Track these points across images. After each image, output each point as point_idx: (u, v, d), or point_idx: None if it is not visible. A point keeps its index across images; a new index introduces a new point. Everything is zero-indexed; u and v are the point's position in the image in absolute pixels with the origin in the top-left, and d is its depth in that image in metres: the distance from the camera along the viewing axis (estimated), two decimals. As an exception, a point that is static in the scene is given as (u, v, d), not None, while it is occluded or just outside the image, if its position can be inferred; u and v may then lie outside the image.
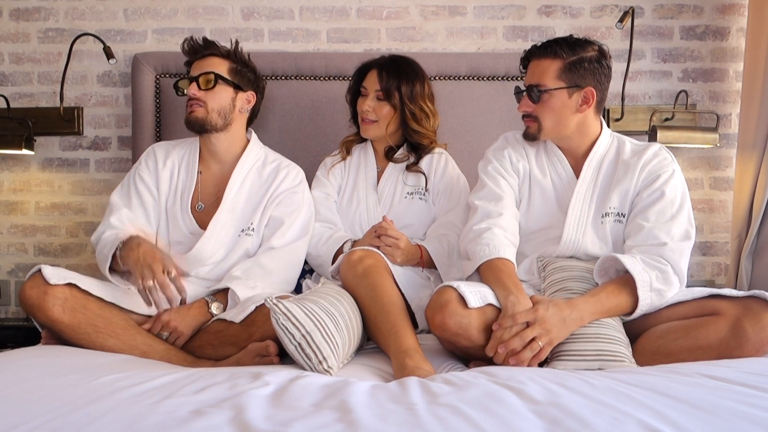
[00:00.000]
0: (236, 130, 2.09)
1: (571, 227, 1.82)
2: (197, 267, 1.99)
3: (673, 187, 1.79)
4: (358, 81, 2.17)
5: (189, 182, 2.06)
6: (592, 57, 1.80)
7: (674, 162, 1.84)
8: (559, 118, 1.82)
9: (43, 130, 2.59)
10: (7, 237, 2.65)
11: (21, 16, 2.63)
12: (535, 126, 1.85)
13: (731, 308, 1.59)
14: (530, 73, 1.85)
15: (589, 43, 1.83)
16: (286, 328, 1.49)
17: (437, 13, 2.65)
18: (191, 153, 2.11)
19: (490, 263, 1.73)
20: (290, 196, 2.06)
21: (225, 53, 2.06)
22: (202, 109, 2.00)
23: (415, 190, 2.15)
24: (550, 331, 1.55)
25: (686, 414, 1.04)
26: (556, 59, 1.79)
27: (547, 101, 1.81)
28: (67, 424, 1.00)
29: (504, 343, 1.55)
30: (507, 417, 1.03)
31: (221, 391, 1.17)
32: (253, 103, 2.12)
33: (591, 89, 1.80)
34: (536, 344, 1.54)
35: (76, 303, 1.71)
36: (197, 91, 2.01)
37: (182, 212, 2.03)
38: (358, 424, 0.99)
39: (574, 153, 1.90)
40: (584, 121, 1.85)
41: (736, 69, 2.65)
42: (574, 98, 1.81)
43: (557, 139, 1.90)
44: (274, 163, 2.12)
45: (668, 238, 1.72)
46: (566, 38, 1.83)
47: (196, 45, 2.06)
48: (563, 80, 1.79)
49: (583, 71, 1.79)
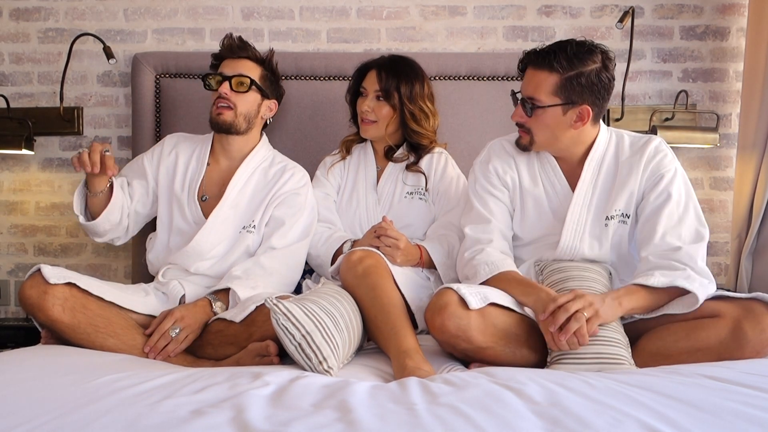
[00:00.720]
0: (253, 134, 2.13)
1: (569, 234, 1.80)
2: (197, 261, 1.99)
3: (677, 187, 1.77)
4: (358, 81, 2.17)
5: (198, 172, 2.09)
6: (592, 71, 1.71)
7: (675, 159, 1.81)
8: (552, 134, 1.79)
9: (43, 130, 2.59)
10: (7, 237, 2.65)
11: (21, 16, 2.63)
12: (527, 138, 1.82)
13: (731, 310, 1.58)
14: (526, 82, 1.79)
15: (591, 53, 1.72)
16: (286, 329, 1.49)
17: (437, 13, 2.65)
18: (204, 146, 2.14)
19: (495, 279, 1.73)
20: (293, 197, 2.07)
21: (260, 59, 2.10)
22: (231, 111, 2.03)
23: (414, 190, 2.15)
24: (593, 303, 1.54)
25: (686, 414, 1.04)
26: (553, 73, 1.71)
27: (541, 116, 1.76)
28: (67, 424, 1.00)
29: (559, 336, 1.52)
30: (507, 417, 1.03)
31: (221, 391, 1.17)
32: (274, 111, 2.17)
33: (587, 107, 1.74)
34: (581, 314, 1.52)
35: (76, 303, 1.71)
36: (229, 91, 2.03)
37: (189, 200, 2.06)
38: (358, 424, 0.99)
39: (569, 160, 1.87)
40: (579, 134, 1.80)
41: (736, 69, 2.65)
42: (569, 115, 1.75)
43: (550, 151, 1.87)
44: (281, 164, 2.14)
45: (680, 242, 1.70)
46: (567, 48, 1.72)
47: (233, 44, 2.08)
48: (558, 96, 1.73)
49: (580, 88, 1.71)
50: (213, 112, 2.05)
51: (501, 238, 1.86)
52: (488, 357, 1.62)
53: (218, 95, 2.03)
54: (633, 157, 1.82)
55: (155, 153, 2.15)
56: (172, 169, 2.10)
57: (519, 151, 1.90)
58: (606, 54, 1.75)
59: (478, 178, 1.93)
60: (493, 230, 1.85)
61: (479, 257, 1.78)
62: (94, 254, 2.64)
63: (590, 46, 1.74)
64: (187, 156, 2.13)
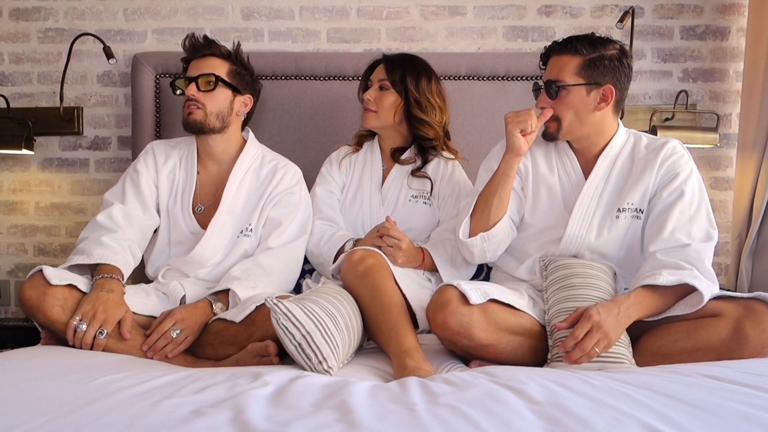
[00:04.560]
0: (232, 132, 2.08)
1: (576, 222, 1.81)
2: (197, 269, 1.98)
3: (691, 186, 1.77)
4: (367, 75, 2.17)
5: (189, 183, 2.06)
6: (613, 55, 1.78)
7: (691, 160, 1.83)
8: (577, 115, 1.80)
9: (43, 130, 2.59)
10: (7, 237, 2.65)
11: (21, 16, 2.63)
12: (555, 125, 1.83)
13: (732, 310, 1.58)
14: (549, 68, 1.84)
15: (610, 41, 1.81)
16: (286, 328, 1.49)
17: (437, 13, 2.65)
18: (190, 153, 2.10)
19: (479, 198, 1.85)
20: (287, 197, 2.06)
21: (226, 54, 2.04)
22: (201, 111, 1.99)
23: (419, 194, 2.13)
24: (608, 334, 1.54)
25: (686, 414, 1.04)
26: (576, 55, 1.78)
27: (565, 97, 1.79)
28: (67, 424, 1.00)
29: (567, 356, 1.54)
30: (507, 417, 1.03)
31: (221, 391, 1.17)
32: (250, 106, 2.11)
33: (610, 87, 1.78)
34: (594, 351, 1.53)
35: (75, 303, 1.70)
36: (196, 92, 1.99)
37: (183, 213, 2.03)
38: (358, 424, 0.99)
39: (587, 153, 1.88)
40: (602, 119, 1.83)
41: (736, 69, 2.65)
42: (593, 95, 1.79)
43: (574, 139, 1.88)
44: (272, 163, 2.12)
45: (689, 239, 1.70)
46: (587, 35, 1.81)
47: (197, 43, 2.03)
48: (582, 77, 1.78)
49: (603, 68, 1.77)
50: (184, 114, 2.01)
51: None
52: (489, 354, 1.62)
53: (187, 98, 2.00)
54: (649, 155, 1.84)
55: (149, 162, 2.06)
56: (165, 182, 2.05)
57: (537, 141, 1.91)
58: (623, 46, 1.85)
59: (489, 160, 1.97)
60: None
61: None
62: (94, 254, 2.63)
63: (608, 37, 1.84)
64: (176, 166, 2.07)
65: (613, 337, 1.55)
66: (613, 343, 1.56)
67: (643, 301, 1.61)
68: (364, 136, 2.24)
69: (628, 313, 1.58)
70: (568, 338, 1.54)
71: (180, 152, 2.10)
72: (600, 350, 1.54)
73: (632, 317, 1.59)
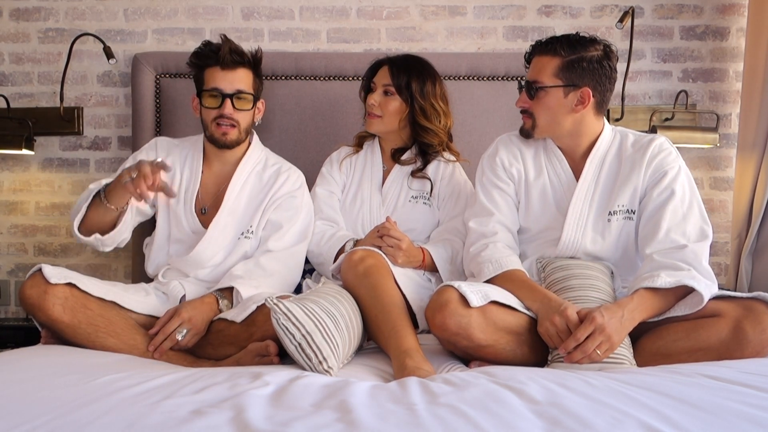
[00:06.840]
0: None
1: (571, 227, 1.81)
2: (197, 269, 1.98)
3: (681, 184, 1.77)
4: (370, 77, 2.16)
5: (193, 181, 2.05)
6: (593, 57, 1.77)
7: (679, 157, 1.82)
8: (553, 117, 1.81)
9: (43, 130, 2.59)
10: (7, 237, 2.65)
11: (21, 16, 2.63)
12: (530, 122, 1.85)
13: (732, 310, 1.58)
14: (531, 69, 1.85)
15: (593, 42, 1.79)
16: (287, 328, 1.49)
17: (437, 13, 2.65)
18: (195, 152, 2.09)
19: (500, 278, 1.73)
20: (289, 200, 2.06)
21: (250, 63, 1.99)
22: (235, 130, 1.97)
23: (419, 195, 2.13)
24: (611, 337, 1.54)
25: (686, 414, 1.04)
26: (555, 57, 1.78)
27: (543, 98, 1.80)
28: (67, 424, 1.00)
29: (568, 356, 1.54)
30: (507, 417, 1.03)
31: (221, 391, 1.17)
32: (263, 111, 2.11)
33: (588, 90, 1.78)
34: (596, 354, 1.53)
35: (76, 302, 1.70)
36: (233, 111, 1.94)
37: (186, 211, 2.02)
38: (358, 424, 0.99)
39: (573, 153, 1.88)
40: (581, 121, 1.82)
41: (736, 69, 2.65)
42: (570, 98, 1.79)
43: (553, 138, 1.89)
44: (275, 167, 2.11)
45: (685, 239, 1.70)
46: (570, 36, 1.80)
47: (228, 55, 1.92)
48: (560, 78, 1.78)
49: (581, 71, 1.77)
50: (216, 132, 1.96)
51: (505, 230, 1.86)
52: (489, 355, 1.62)
53: (219, 114, 1.95)
54: (636, 154, 1.83)
55: (150, 156, 2.03)
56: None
57: (526, 143, 1.92)
58: (608, 47, 1.82)
59: (484, 170, 1.95)
60: (497, 222, 1.86)
61: (484, 254, 1.79)
62: (94, 254, 2.63)
63: (593, 38, 1.81)
64: (180, 165, 2.06)
65: (616, 340, 1.54)
66: (617, 347, 1.56)
67: (645, 303, 1.61)
68: (364, 136, 2.24)
69: (632, 316, 1.58)
70: (570, 339, 1.54)
71: (184, 151, 2.10)
72: (602, 353, 1.53)
73: (636, 320, 1.59)
